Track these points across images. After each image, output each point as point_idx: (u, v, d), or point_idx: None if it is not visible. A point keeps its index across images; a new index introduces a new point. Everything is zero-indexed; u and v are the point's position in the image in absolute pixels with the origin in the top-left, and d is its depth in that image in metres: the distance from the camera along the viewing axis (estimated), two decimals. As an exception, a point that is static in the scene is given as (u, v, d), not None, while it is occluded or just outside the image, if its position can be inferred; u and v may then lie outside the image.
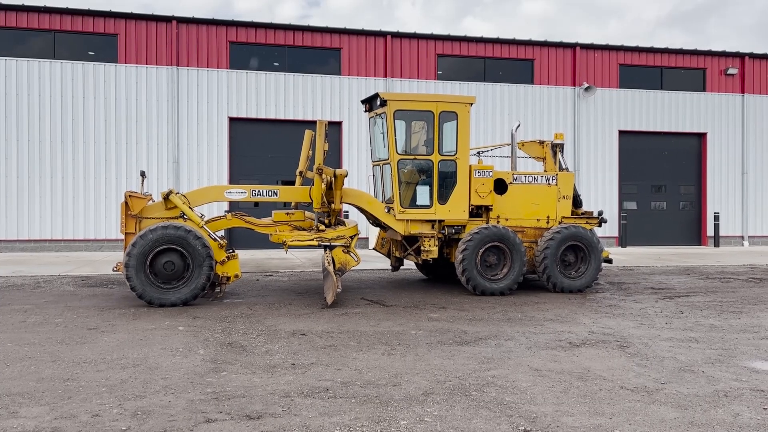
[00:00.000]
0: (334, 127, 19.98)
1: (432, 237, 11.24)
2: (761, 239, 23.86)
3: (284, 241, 10.39)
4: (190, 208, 10.20)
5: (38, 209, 18.81)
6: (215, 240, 9.93)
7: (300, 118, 20.35)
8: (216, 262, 9.81)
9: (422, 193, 11.19)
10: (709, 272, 14.98)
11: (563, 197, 12.01)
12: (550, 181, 11.99)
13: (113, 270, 10.61)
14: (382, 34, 21.08)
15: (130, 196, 10.07)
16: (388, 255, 12.82)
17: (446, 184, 11.23)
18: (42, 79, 18.86)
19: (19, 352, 6.73)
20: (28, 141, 18.76)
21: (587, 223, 12.06)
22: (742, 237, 23.72)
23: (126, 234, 10.06)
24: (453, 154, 11.21)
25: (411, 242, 11.61)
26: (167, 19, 19.54)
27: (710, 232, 23.31)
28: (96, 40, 19.51)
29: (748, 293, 11.57)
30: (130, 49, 19.46)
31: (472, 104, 11.34)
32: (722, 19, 65.79)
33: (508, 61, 22.29)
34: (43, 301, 10.06)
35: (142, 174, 11.03)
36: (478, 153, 13.73)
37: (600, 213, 12.71)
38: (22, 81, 18.74)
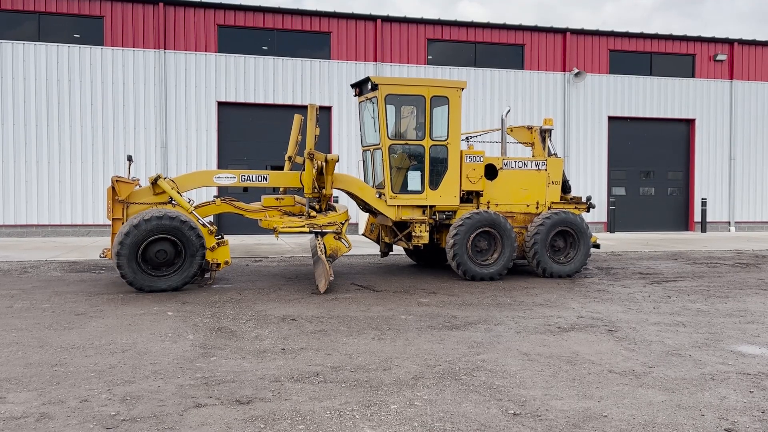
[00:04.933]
0: (324, 111, 19.83)
1: (423, 222, 11.24)
2: (748, 225, 24.08)
3: (275, 228, 10.34)
4: (178, 193, 10.11)
5: (24, 194, 18.60)
6: (205, 226, 9.85)
7: (289, 102, 20.20)
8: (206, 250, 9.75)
9: (413, 179, 11.17)
10: (696, 257, 15.11)
11: (552, 183, 12.04)
12: (540, 167, 12.00)
13: (101, 256, 10.54)
14: (372, 18, 20.91)
15: (117, 180, 9.96)
16: (377, 240, 12.80)
17: (437, 169, 11.21)
18: (27, 62, 18.57)
19: (6, 338, 6.67)
20: (14, 125, 18.50)
21: (576, 208, 12.10)
22: (729, 222, 23.92)
23: (113, 219, 9.95)
24: (444, 139, 11.18)
25: (401, 228, 11.59)
26: (154, 1, 19.25)
27: (697, 217, 23.49)
28: (82, 23, 19.19)
29: (735, 278, 11.69)
30: (117, 32, 19.18)
31: (463, 89, 11.30)
32: (718, 4, 65.92)
33: (498, 46, 22.20)
34: (30, 287, 9.97)
35: (129, 158, 10.88)
36: (468, 138, 13.72)
37: (588, 198, 12.76)
38: (7, 64, 18.44)
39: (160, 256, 9.43)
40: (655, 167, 23.70)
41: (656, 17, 64.59)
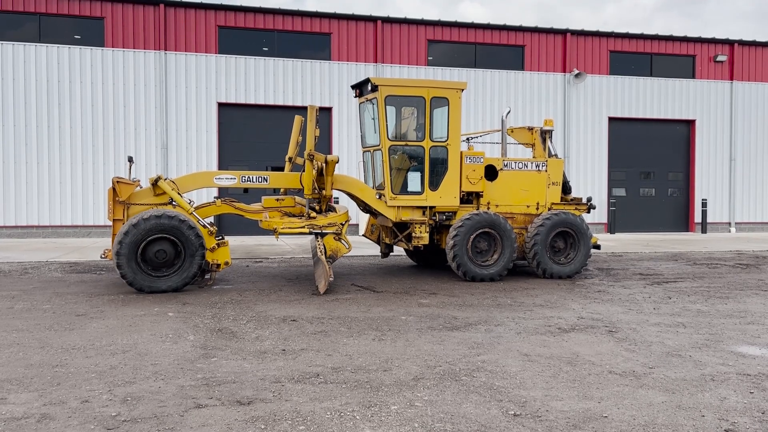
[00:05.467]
0: (324, 112, 19.85)
1: (423, 223, 11.24)
2: (748, 225, 24.07)
3: (275, 228, 10.35)
4: (179, 194, 10.12)
5: (25, 195, 18.62)
6: (205, 227, 9.86)
7: (289, 103, 20.21)
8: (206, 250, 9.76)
9: (413, 180, 11.18)
10: (697, 258, 15.11)
11: (553, 183, 12.04)
12: (540, 168, 12.01)
13: (101, 257, 10.54)
14: (372, 19, 20.93)
15: (117, 182, 9.97)
16: (378, 241, 12.81)
17: (437, 170, 11.22)
18: (27, 63, 18.59)
19: (6, 339, 6.68)
20: (14, 126, 18.52)
21: (576, 209, 12.10)
22: (729, 223, 23.92)
23: (114, 220, 9.96)
24: (444, 140, 11.19)
25: (402, 229, 11.60)
26: (155, 2, 19.27)
27: (698, 218, 23.49)
28: (82, 24, 19.22)
29: (735, 279, 11.69)
30: (117, 33, 19.20)
31: (463, 90, 11.30)
32: (719, 5, 65.94)
33: (498, 47, 22.22)
34: (31, 288, 9.98)
35: (130, 159, 10.89)
36: (468, 139, 13.73)
37: (589, 199, 12.76)
38: (8, 65, 18.46)
39: (159, 256, 9.43)
40: (655, 168, 23.71)
41: (657, 18, 64.63)
